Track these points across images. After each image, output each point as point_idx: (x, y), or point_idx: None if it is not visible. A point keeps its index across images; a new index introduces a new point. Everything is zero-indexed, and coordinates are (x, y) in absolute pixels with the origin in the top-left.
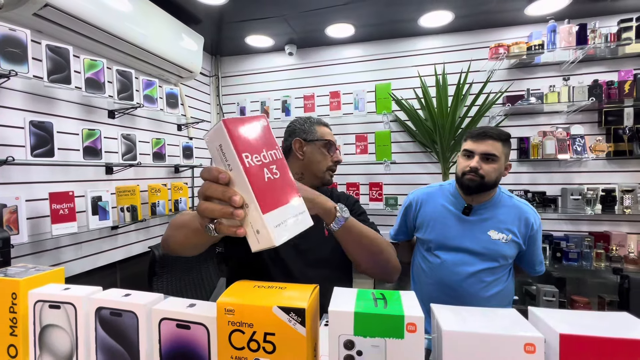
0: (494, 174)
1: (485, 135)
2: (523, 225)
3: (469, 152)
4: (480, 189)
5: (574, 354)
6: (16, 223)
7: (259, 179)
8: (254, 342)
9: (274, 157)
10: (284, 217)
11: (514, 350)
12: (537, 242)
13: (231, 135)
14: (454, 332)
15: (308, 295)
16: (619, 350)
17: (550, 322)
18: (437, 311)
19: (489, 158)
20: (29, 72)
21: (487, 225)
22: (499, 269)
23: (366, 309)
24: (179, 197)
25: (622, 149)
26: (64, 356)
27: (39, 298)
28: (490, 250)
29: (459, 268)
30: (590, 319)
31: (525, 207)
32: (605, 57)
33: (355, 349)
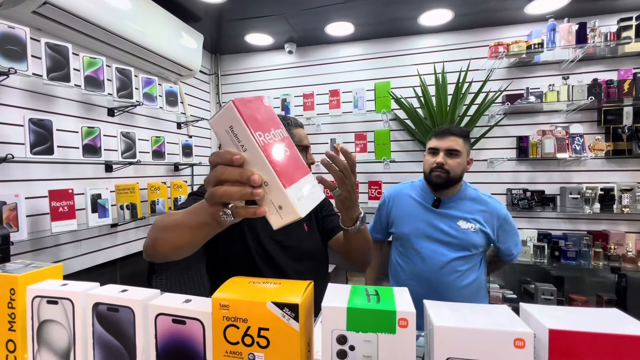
0: (458, 169)
1: (448, 132)
2: (489, 216)
3: (434, 150)
4: (447, 184)
5: (563, 349)
6: (16, 220)
7: (274, 155)
8: (248, 337)
9: (282, 136)
10: (302, 190)
11: (504, 345)
12: (507, 231)
13: (243, 115)
14: (445, 328)
15: (302, 291)
16: (607, 346)
17: (540, 318)
18: (430, 307)
19: (453, 153)
20: (28, 69)
21: (456, 216)
22: (471, 258)
23: (359, 305)
24: (179, 195)
25: (621, 148)
26: (62, 351)
27: (36, 294)
28: (461, 240)
29: (434, 258)
30: (581, 315)
31: (489, 199)
32: (605, 56)
33: (347, 344)
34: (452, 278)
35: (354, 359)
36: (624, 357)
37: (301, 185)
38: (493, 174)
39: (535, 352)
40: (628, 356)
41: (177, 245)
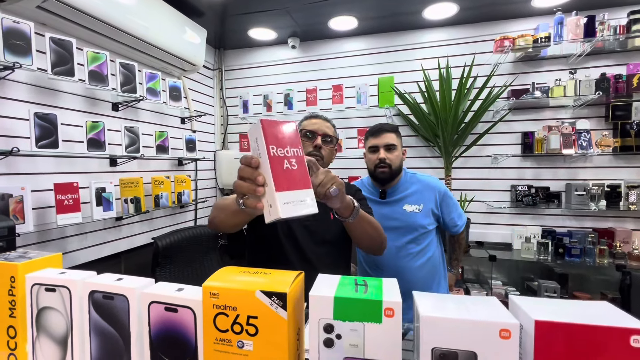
0: (397, 161)
1: (383, 130)
2: (428, 192)
3: (374, 147)
4: (392, 177)
5: (548, 340)
6: (22, 212)
7: (278, 166)
8: (238, 324)
9: (295, 154)
10: (292, 198)
11: (489, 335)
12: (448, 204)
13: (264, 132)
14: (431, 318)
15: (291, 280)
16: (592, 337)
17: (527, 310)
18: (418, 298)
19: (390, 148)
20: (32, 64)
21: (401, 202)
22: (421, 238)
23: (346, 294)
24: (182, 189)
25: (630, 144)
26: (60, 337)
27: (35, 281)
28: (408, 223)
29: (388, 246)
30: (569, 307)
31: (427, 178)
32: (614, 50)
33: (334, 333)
34: (406, 261)
35: (341, 347)
36: (608, 348)
37: (294, 194)
38: (497, 170)
39: (522, 343)
40: (612, 347)
41: (224, 222)
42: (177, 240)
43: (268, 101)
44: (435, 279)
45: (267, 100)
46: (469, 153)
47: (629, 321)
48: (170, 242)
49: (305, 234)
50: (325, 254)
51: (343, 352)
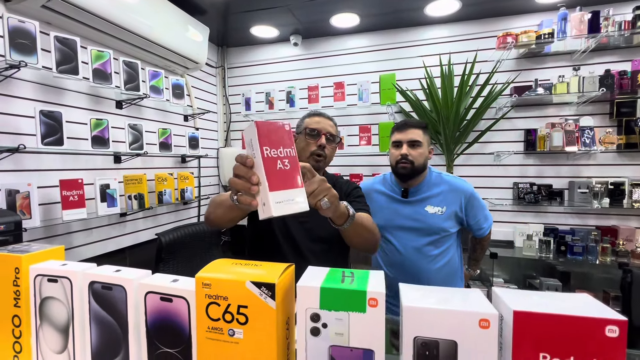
0: (420, 158)
1: (408, 125)
2: (454, 195)
3: (397, 142)
4: (413, 175)
5: (527, 330)
6: (28, 208)
7: (271, 166)
8: (229, 314)
9: (288, 154)
10: (285, 197)
11: (469, 325)
12: (474, 206)
13: (259, 133)
14: (412, 308)
15: (280, 272)
16: (569, 327)
17: (507, 301)
18: (403, 289)
19: (415, 144)
20: (38, 62)
21: (424, 203)
22: (442, 242)
23: (332, 285)
24: (186, 186)
25: (634, 142)
26: (62, 326)
27: (38, 272)
28: (430, 225)
29: (407, 246)
30: (550, 299)
31: (454, 179)
32: (619, 45)
33: (320, 322)
34: (425, 262)
35: (327, 336)
36: (584, 338)
37: (286, 194)
38: (499, 168)
39: (503, 333)
40: (588, 337)
41: (220, 218)
42: (180, 237)
43: (270, 99)
44: (453, 281)
45: (269, 98)
46: (471, 150)
47: (605, 312)
48: (174, 238)
49: (301, 231)
50: (321, 251)
51: (329, 340)
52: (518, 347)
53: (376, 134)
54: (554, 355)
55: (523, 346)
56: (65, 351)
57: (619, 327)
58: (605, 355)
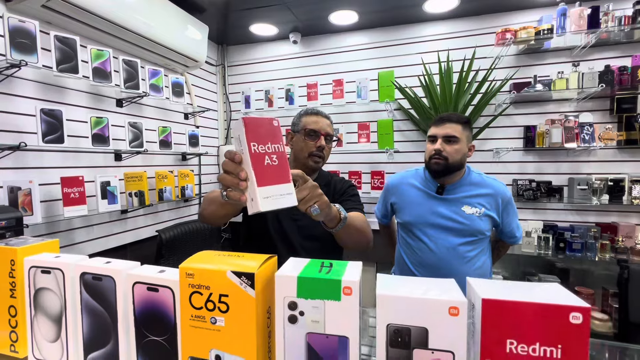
0: (456, 155)
1: (446, 119)
2: (494, 199)
3: (432, 137)
4: (446, 172)
5: (494, 316)
6: (30, 205)
7: (259, 162)
8: (211, 302)
9: (276, 150)
10: (273, 193)
11: (440, 312)
12: (510, 212)
13: (246, 129)
14: (385, 295)
15: (260, 263)
16: (535, 313)
17: (477, 289)
18: (380, 278)
19: (451, 140)
20: (38, 61)
21: (460, 202)
22: (478, 243)
23: (308, 274)
24: (186, 183)
25: (634, 138)
26: (55, 316)
27: (32, 264)
28: (467, 225)
29: (440, 245)
30: (521, 288)
31: (494, 182)
32: (619, 41)
33: (298, 310)
34: (460, 264)
35: (304, 323)
36: (549, 324)
37: (274, 189)
38: (499, 165)
39: (474, 320)
40: (553, 323)
41: (213, 214)
42: (180, 233)
43: (269, 96)
44: None
45: (269, 96)
46: None
47: (570, 300)
48: (174, 234)
49: (293, 228)
50: (314, 248)
51: (306, 327)
52: (486, 333)
53: (375, 131)
54: (521, 341)
55: (491, 332)
56: (59, 340)
57: (583, 314)
58: (570, 341)
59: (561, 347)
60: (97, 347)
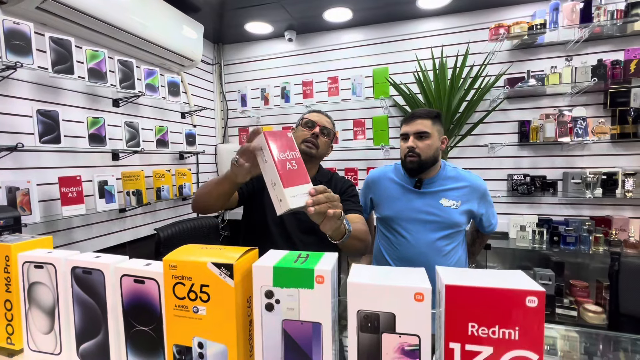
0: (429, 150)
1: (415, 116)
2: (471, 191)
3: (405, 135)
4: (421, 168)
5: (456, 301)
6: (28, 204)
7: (283, 167)
8: (193, 292)
9: (294, 156)
10: (296, 192)
11: (406, 298)
12: (487, 202)
13: (267, 141)
14: (355, 283)
15: (239, 254)
16: (494, 298)
17: (443, 277)
18: (353, 268)
19: (422, 136)
20: (33, 63)
21: (438, 195)
22: (454, 237)
23: (284, 264)
24: (183, 182)
25: (628, 132)
26: (48, 309)
27: (25, 259)
28: (444, 218)
29: (419, 239)
30: (484, 275)
31: (469, 175)
32: (612, 35)
33: (274, 298)
34: (438, 258)
35: (280, 310)
36: (507, 308)
37: (298, 189)
38: (494, 160)
39: (440, 305)
40: (511, 307)
41: (208, 195)
42: (178, 231)
43: (265, 94)
44: None
45: (265, 94)
46: (465, 143)
47: (528, 285)
48: (172, 232)
49: (293, 222)
50: (313, 242)
51: (282, 315)
52: (450, 317)
53: (370, 128)
54: (482, 324)
55: (454, 316)
56: (52, 332)
57: (538, 298)
58: (526, 323)
59: (519, 329)
60: (89, 338)
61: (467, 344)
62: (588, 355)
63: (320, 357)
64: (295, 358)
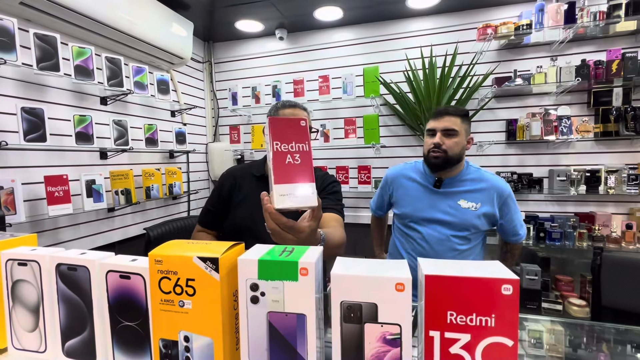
0: (456, 148)
1: (444, 112)
2: (490, 194)
3: (431, 131)
4: (446, 165)
5: (435, 291)
6: (13, 204)
7: (279, 160)
8: (178, 286)
9: (300, 149)
10: (290, 191)
11: (387, 288)
12: (510, 208)
13: (271, 129)
14: (338, 275)
15: (225, 248)
16: (471, 287)
17: (424, 267)
18: (338, 261)
19: (450, 133)
20: (17, 60)
21: (457, 195)
22: (471, 238)
23: (269, 257)
24: (174, 181)
25: (610, 130)
26: (33, 306)
27: (9, 257)
28: (461, 219)
29: (434, 237)
30: (463, 266)
31: (493, 177)
32: (596, 36)
33: (259, 291)
34: (451, 256)
35: (265, 303)
36: (484, 296)
37: (293, 187)
38: (482, 158)
39: (421, 295)
40: (487, 295)
41: None
42: (168, 231)
43: (256, 93)
44: None
45: (256, 92)
46: None
47: (503, 273)
48: (162, 232)
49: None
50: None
51: (267, 307)
52: (429, 306)
53: (361, 127)
54: (460, 312)
55: (433, 305)
56: (37, 330)
57: (513, 286)
58: (502, 310)
59: (495, 316)
60: (74, 335)
61: (446, 331)
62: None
63: (305, 348)
64: (280, 349)
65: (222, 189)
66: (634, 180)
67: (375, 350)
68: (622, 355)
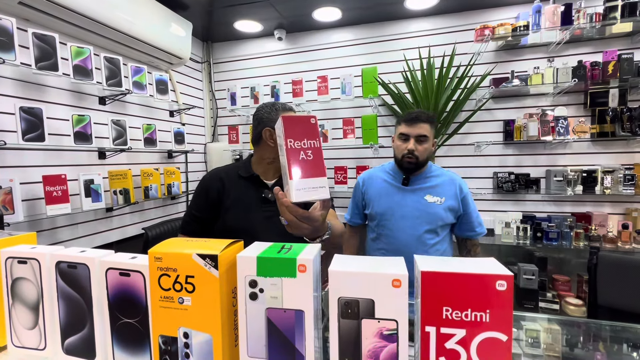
0: (425, 153)
1: (418, 119)
2: (454, 189)
3: (405, 136)
4: (416, 169)
5: (431, 286)
6: (11, 203)
7: (294, 156)
8: (178, 283)
9: (312, 146)
10: (305, 185)
11: (384, 284)
12: (469, 204)
13: (284, 127)
14: (336, 272)
15: (224, 246)
16: (466, 283)
17: (420, 264)
18: (336, 258)
19: (422, 140)
20: (16, 59)
21: (423, 191)
22: (438, 231)
23: (267, 255)
24: (172, 181)
25: (606, 131)
26: (32, 304)
27: (9, 255)
28: (428, 213)
29: (405, 232)
30: (457, 262)
31: (453, 174)
32: (592, 37)
33: (258, 287)
34: (422, 251)
35: (264, 299)
36: (479, 291)
37: (308, 181)
38: (480, 158)
39: (417, 291)
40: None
41: None
42: (166, 230)
43: (255, 93)
44: None
45: (255, 93)
46: (452, 142)
47: (497, 270)
48: (160, 232)
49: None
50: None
51: (265, 303)
52: (425, 302)
53: (359, 127)
54: (455, 308)
55: (429, 301)
56: (37, 327)
57: (507, 282)
58: (497, 305)
59: (489, 312)
60: (74, 332)
61: (442, 327)
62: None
63: (303, 344)
64: (279, 345)
65: (208, 193)
66: (629, 180)
67: (372, 346)
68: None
